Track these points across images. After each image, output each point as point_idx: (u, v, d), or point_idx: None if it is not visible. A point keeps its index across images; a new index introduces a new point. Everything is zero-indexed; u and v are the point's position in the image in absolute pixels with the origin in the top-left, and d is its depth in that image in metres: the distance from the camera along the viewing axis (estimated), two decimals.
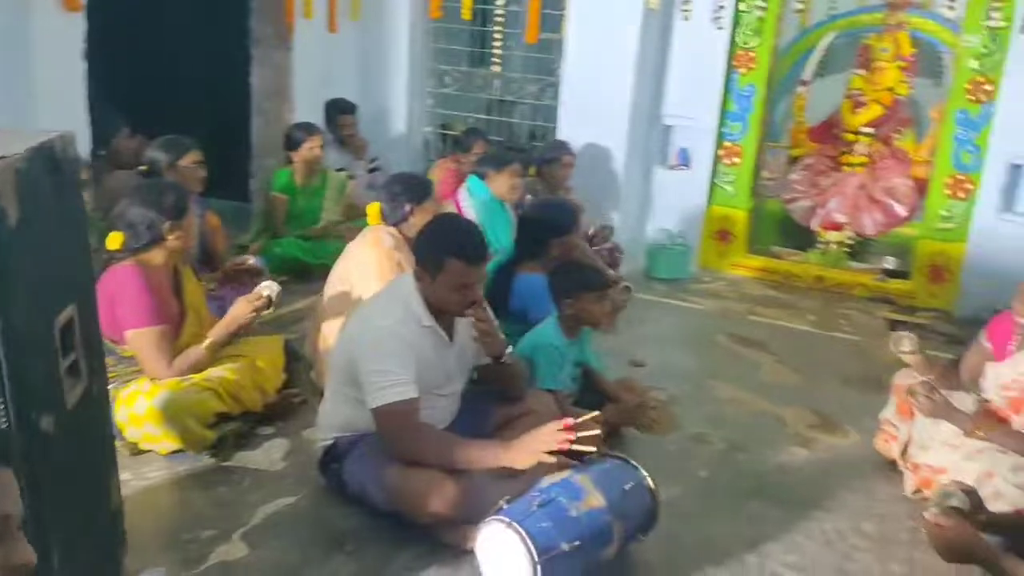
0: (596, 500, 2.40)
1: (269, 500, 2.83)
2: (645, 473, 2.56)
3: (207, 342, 3.11)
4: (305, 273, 4.81)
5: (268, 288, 3.20)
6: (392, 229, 3.49)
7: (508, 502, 2.44)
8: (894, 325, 5.01)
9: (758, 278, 5.72)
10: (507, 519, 2.32)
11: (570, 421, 2.41)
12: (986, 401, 3.07)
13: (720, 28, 5.49)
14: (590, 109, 5.57)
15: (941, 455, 3.00)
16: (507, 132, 6.92)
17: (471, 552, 2.46)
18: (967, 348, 3.39)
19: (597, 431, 2.45)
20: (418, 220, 3.45)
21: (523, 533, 2.27)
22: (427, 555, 2.57)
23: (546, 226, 3.59)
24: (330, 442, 2.80)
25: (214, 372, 3.10)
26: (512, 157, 4.56)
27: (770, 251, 5.97)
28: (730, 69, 5.61)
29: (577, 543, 2.31)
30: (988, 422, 2.98)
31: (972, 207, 5.18)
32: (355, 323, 2.75)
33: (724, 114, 5.68)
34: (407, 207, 3.48)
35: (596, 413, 2.57)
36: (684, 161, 5.83)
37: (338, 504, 2.80)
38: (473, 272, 2.62)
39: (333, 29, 5.92)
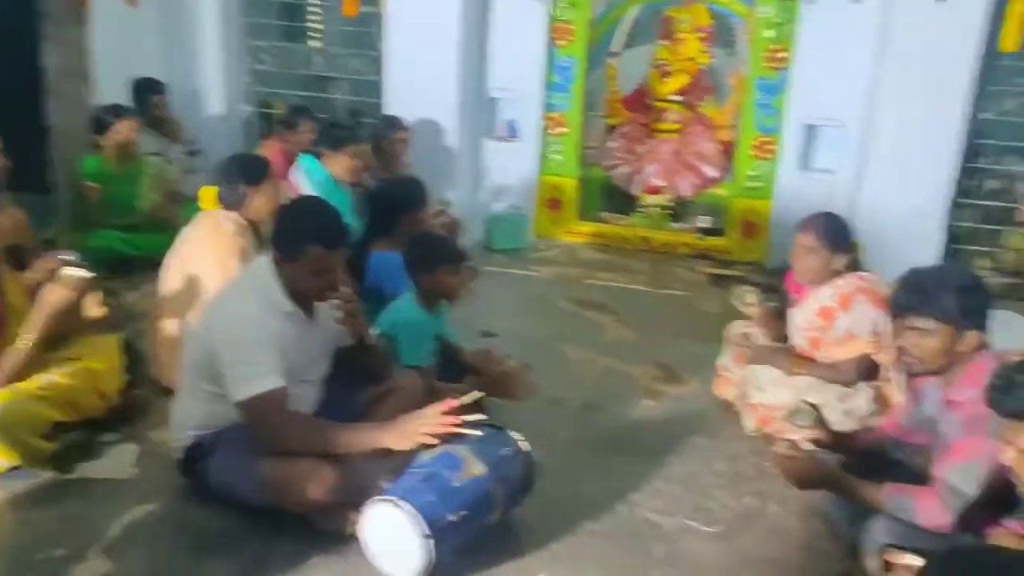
0: (476, 469, 2.43)
1: (125, 510, 2.65)
2: (520, 437, 2.62)
3: (24, 339, 2.82)
4: (125, 266, 4.50)
5: (72, 271, 2.88)
6: (231, 214, 3.33)
7: (389, 481, 2.43)
8: (716, 279, 5.40)
9: (591, 243, 5.95)
10: (393, 498, 2.31)
11: (453, 403, 2.42)
12: (791, 346, 3.39)
13: (538, 0, 5.61)
14: (416, 84, 5.54)
15: (777, 393, 3.27)
16: (329, 109, 6.74)
17: (354, 536, 2.43)
18: (785, 302, 3.69)
19: (482, 415, 2.48)
20: (258, 203, 3.33)
21: (411, 510, 2.27)
22: (308, 545, 2.51)
23: (397, 203, 3.55)
24: (189, 441, 2.66)
25: (45, 378, 2.84)
26: (350, 136, 4.46)
27: (599, 217, 6.21)
28: (550, 41, 5.75)
29: (463, 512, 2.35)
30: (801, 361, 3.29)
31: (775, 166, 5.63)
32: (211, 313, 2.62)
33: (548, 85, 5.82)
34: (245, 189, 3.33)
35: (477, 393, 2.58)
36: (513, 132, 5.93)
37: (202, 505, 2.67)
38: (334, 257, 2.56)
39: (133, 2, 5.51)
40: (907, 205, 5.09)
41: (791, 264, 3.38)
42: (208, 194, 3.39)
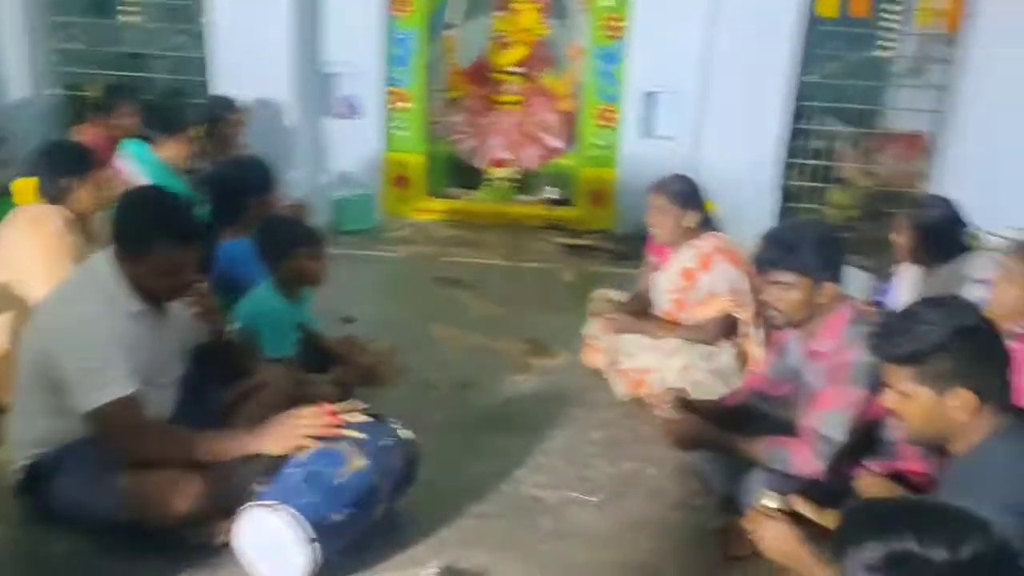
0: (358, 462, 2.31)
1: None
2: (400, 425, 2.52)
3: None
4: None
5: None
6: (55, 208, 3.00)
7: (263, 484, 2.27)
8: (569, 249, 5.46)
9: (442, 220, 5.85)
10: (271, 502, 2.15)
11: (332, 407, 2.29)
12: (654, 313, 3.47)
13: None
14: (246, 60, 5.22)
15: (645, 357, 3.33)
16: (149, 90, 6.24)
17: (227, 546, 2.26)
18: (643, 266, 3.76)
19: (363, 417, 2.36)
20: (85, 195, 3.03)
21: (292, 513, 2.13)
22: (175, 561, 2.32)
23: (243, 186, 3.32)
24: (29, 461, 2.38)
25: None
26: (182, 119, 4.13)
27: (447, 193, 6.12)
28: (388, 12, 5.57)
29: (348, 510, 2.23)
30: (665, 324, 3.38)
31: (618, 134, 5.73)
32: (45, 318, 2.34)
33: (389, 59, 5.65)
34: (69, 181, 3.01)
35: (360, 404, 2.44)
36: (353, 109, 5.72)
37: (48, 530, 2.40)
38: (186, 254, 2.34)
39: None
40: (743, 167, 5.30)
41: (649, 228, 3.45)
42: (24, 187, 3.04)
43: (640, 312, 3.52)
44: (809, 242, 2.44)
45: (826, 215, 5.89)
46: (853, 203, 6.01)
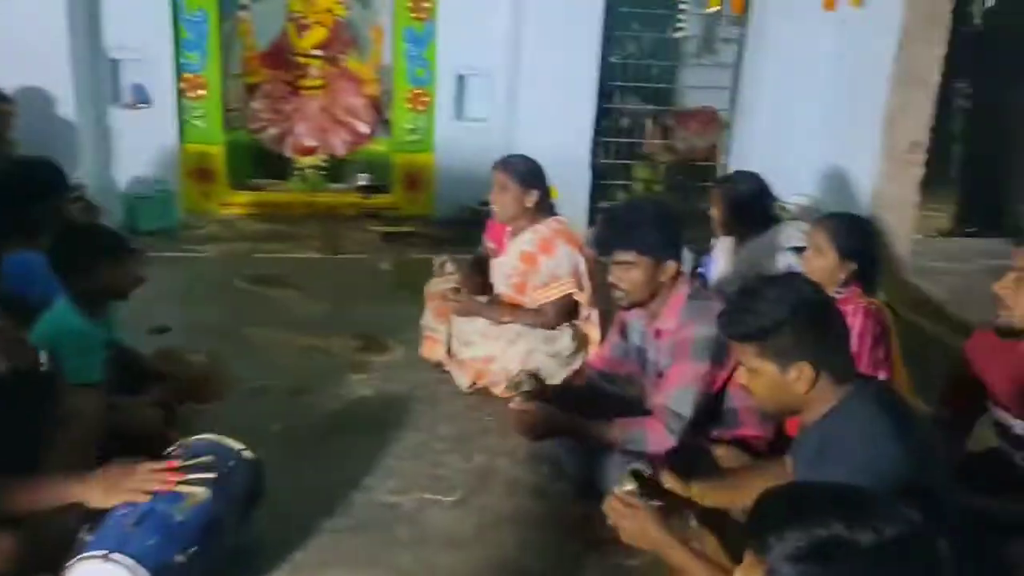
0: (199, 494, 2.10)
1: None
2: (241, 446, 2.32)
3: None
4: None
5: None
6: None
7: (91, 531, 2.01)
8: (389, 238, 5.32)
9: (250, 214, 5.52)
10: (102, 551, 1.90)
11: (175, 463, 2.06)
12: (497, 295, 3.43)
13: None
14: (14, 46, 4.63)
15: (486, 346, 3.28)
16: None
17: None
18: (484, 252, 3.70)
19: (211, 473, 2.12)
20: None
21: (129, 562, 1.89)
22: None
23: (26, 192, 2.91)
24: None
25: None
26: None
27: (252, 184, 5.78)
28: None
29: (193, 548, 2.01)
30: (508, 308, 3.35)
31: (432, 118, 5.64)
32: None
33: (179, 43, 5.22)
34: None
35: (209, 458, 2.19)
36: (142, 98, 5.24)
37: None
38: None
39: None
40: (556, 147, 5.34)
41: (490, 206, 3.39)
42: None
43: (479, 294, 3.47)
44: (649, 221, 2.47)
45: (632, 190, 6.12)
46: (656, 178, 6.28)
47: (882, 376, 2.53)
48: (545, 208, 3.32)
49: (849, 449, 1.68)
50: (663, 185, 6.22)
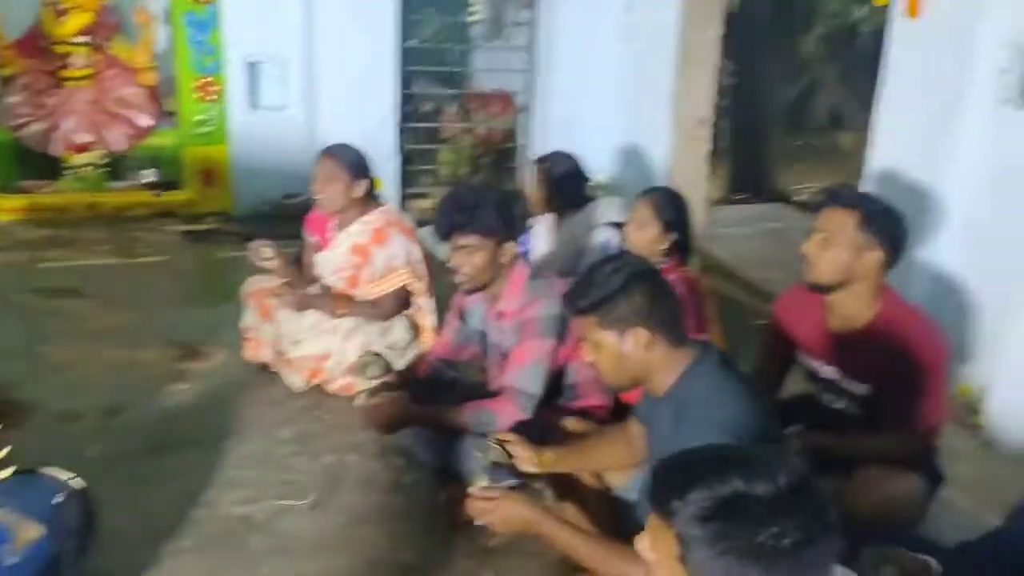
0: (31, 532, 1.89)
1: None
2: (69, 475, 2.10)
3: None
4: None
5: None
6: None
7: None
8: (191, 237, 5.01)
9: (25, 220, 4.99)
10: None
11: None
12: (329, 287, 3.33)
13: None
14: None
15: (320, 343, 3.18)
16: None
17: None
18: (302, 248, 3.55)
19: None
20: None
21: None
22: None
23: None
24: None
25: None
26: None
27: (21, 187, 5.22)
28: None
29: None
30: (342, 301, 3.26)
31: (224, 107, 5.34)
32: None
33: None
34: None
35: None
36: None
37: None
38: None
39: None
40: (362, 134, 5.22)
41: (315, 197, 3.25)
42: None
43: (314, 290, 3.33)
44: (489, 203, 2.49)
45: (437, 174, 6.14)
46: (460, 162, 6.34)
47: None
48: (372, 198, 3.25)
49: (707, 411, 1.78)
50: (468, 168, 6.29)
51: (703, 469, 1.19)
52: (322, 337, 3.17)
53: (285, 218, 5.22)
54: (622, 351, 1.85)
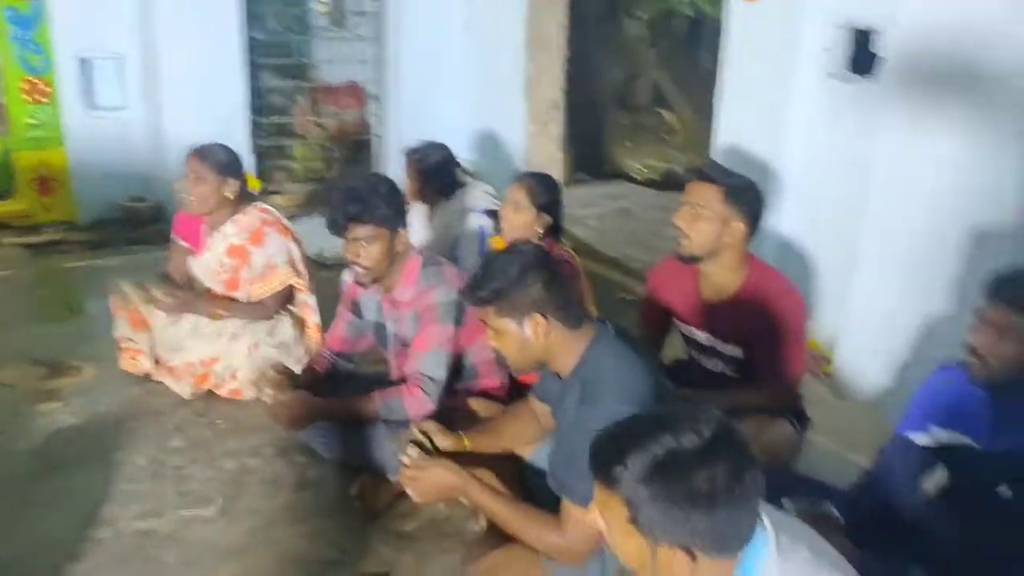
0: None
1: None
2: None
3: None
4: None
5: None
6: None
7: None
8: (33, 249, 4.71)
9: None
10: None
11: None
12: (209, 289, 3.26)
13: None
14: None
15: (205, 347, 3.10)
16: None
17: None
18: (169, 250, 3.44)
19: None
20: None
21: None
22: None
23: None
24: None
25: None
26: None
27: None
28: None
29: None
30: (223, 302, 3.19)
31: (57, 110, 5.01)
32: None
33: None
34: None
35: None
36: None
37: None
38: None
39: None
40: (211, 132, 5.05)
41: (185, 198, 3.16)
42: None
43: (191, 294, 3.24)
44: (380, 192, 2.52)
45: (293, 171, 6.03)
46: (313, 156, 6.25)
47: None
48: (244, 198, 3.19)
49: (612, 384, 1.89)
50: (322, 162, 6.21)
51: (636, 435, 1.30)
52: (207, 341, 3.10)
53: (133, 223, 5.01)
54: (523, 338, 1.95)
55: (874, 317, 3.24)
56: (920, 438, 2.04)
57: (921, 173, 3.02)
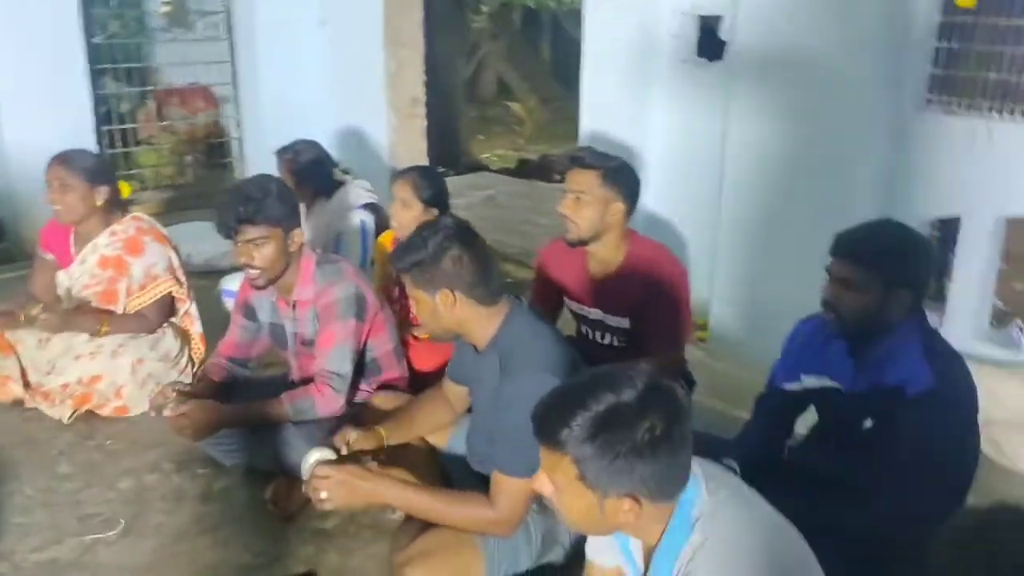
0: None
1: None
2: None
3: None
4: None
5: None
6: None
7: None
8: None
9: None
10: None
11: None
12: (86, 303, 3.10)
13: None
14: None
15: (85, 366, 2.96)
16: None
17: None
18: (32, 267, 3.25)
19: None
20: None
21: None
22: None
23: None
24: None
25: None
26: None
27: None
28: None
29: None
30: (105, 317, 3.05)
31: None
32: None
33: None
34: None
35: None
36: None
37: None
38: None
39: None
40: (53, 141, 4.62)
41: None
42: None
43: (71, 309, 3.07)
44: (272, 192, 2.47)
45: (142, 178, 5.78)
46: (164, 162, 6.01)
47: None
48: (116, 206, 3.05)
49: (531, 355, 1.98)
50: (173, 168, 5.97)
51: (577, 396, 1.39)
52: (86, 360, 2.96)
53: None
54: (434, 308, 2.02)
55: (739, 281, 3.49)
56: (793, 386, 2.25)
57: (771, 149, 3.28)
